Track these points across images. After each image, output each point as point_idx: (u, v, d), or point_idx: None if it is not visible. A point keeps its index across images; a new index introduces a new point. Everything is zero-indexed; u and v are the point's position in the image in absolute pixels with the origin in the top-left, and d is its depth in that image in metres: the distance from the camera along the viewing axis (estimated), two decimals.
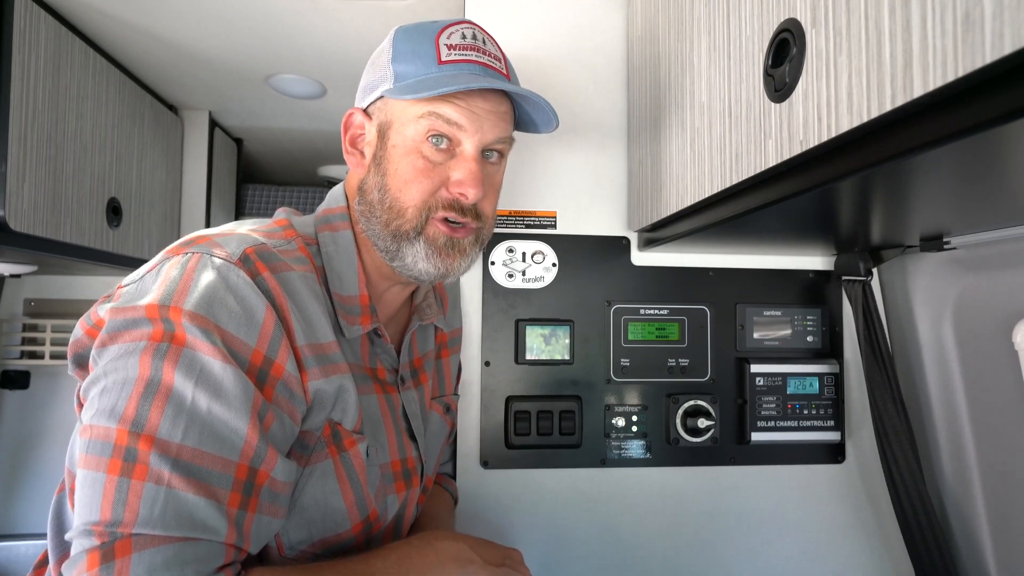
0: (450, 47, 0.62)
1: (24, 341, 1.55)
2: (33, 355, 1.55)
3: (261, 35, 1.22)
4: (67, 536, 0.48)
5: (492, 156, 0.66)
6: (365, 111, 0.67)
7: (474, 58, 0.62)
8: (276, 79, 1.44)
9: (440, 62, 0.61)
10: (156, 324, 0.50)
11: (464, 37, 0.63)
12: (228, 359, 0.51)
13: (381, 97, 0.64)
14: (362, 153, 0.67)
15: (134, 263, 1.38)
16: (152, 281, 0.54)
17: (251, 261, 0.55)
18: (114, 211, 1.30)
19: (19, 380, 1.54)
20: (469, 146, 0.63)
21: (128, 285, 0.56)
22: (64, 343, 1.57)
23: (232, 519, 0.49)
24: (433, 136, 0.62)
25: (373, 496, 0.63)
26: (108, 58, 1.28)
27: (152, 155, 1.48)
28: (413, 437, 0.72)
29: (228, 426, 0.50)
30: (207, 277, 0.53)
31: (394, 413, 0.69)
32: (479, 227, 0.66)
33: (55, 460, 1.56)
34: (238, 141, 1.93)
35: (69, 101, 1.14)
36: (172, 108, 1.63)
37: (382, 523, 0.66)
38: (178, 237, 1.66)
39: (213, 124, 1.72)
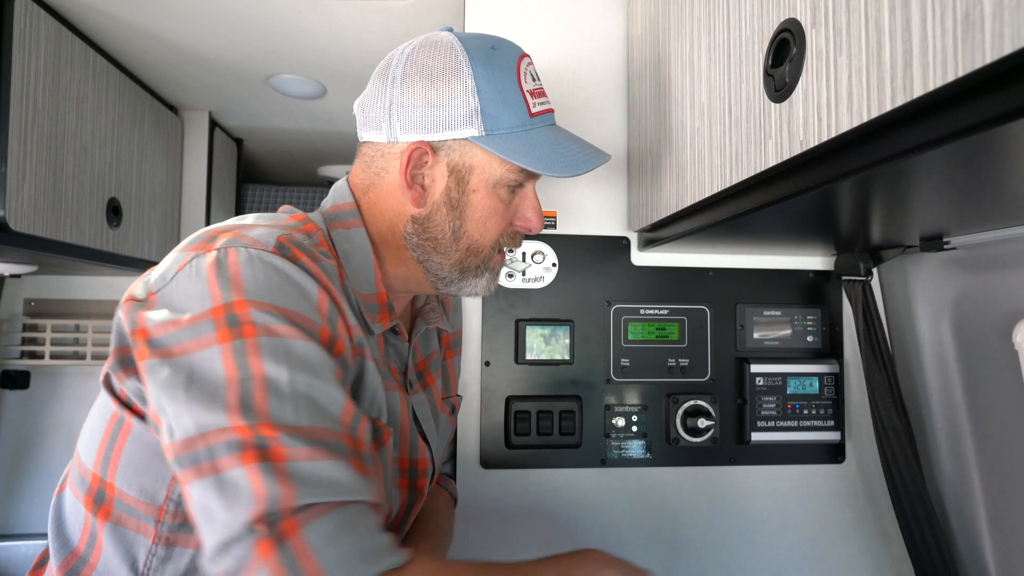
0: (531, 93, 0.64)
1: (24, 341, 1.55)
2: (33, 355, 1.55)
3: (261, 35, 1.22)
4: (207, 558, 0.46)
5: None
6: (431, 144, 0.62)
7: (549, 106, 0.66)
8: (276, 79, 1.44)
9: (531, 114, 0.63)
10: (222, 322, 0.49)
11: (534, 78, 0.65)
12: (306, 336, 0.51)
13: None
14: (423, 187, 0.64)
15: (134, 263, 1.38)
16: (191, 282, 0.51)
17: (287, 248, 0.54)
18: (114, 211, 1.30)
19: (19, 380, 1.55)
20: (531, 186, 0.67)
21: (160, 289, 0.53)
22: (64, 343, 1.57)
23: (367, 482, 0.50)
24: (515, 183, 0.64)
25: (387, 489, 0.64)
26: (108, 58, 1.28)
27: (152, 155, 1.48)
28: (424, 438, 0.73)
29: (329, 397, 0.50)
30: (253, 266, 0.52)
31: (410, 412, 0.70)
32: None
33: (55, 460, 1.56)
34: (238, 141, 1.93)
35: (69, 101, 1.14)
36: (172, 108, 1.63)
37: (387, 520, 0.66)
38: (178, 237, 1.67)
39: (213, 124, 1.72)
